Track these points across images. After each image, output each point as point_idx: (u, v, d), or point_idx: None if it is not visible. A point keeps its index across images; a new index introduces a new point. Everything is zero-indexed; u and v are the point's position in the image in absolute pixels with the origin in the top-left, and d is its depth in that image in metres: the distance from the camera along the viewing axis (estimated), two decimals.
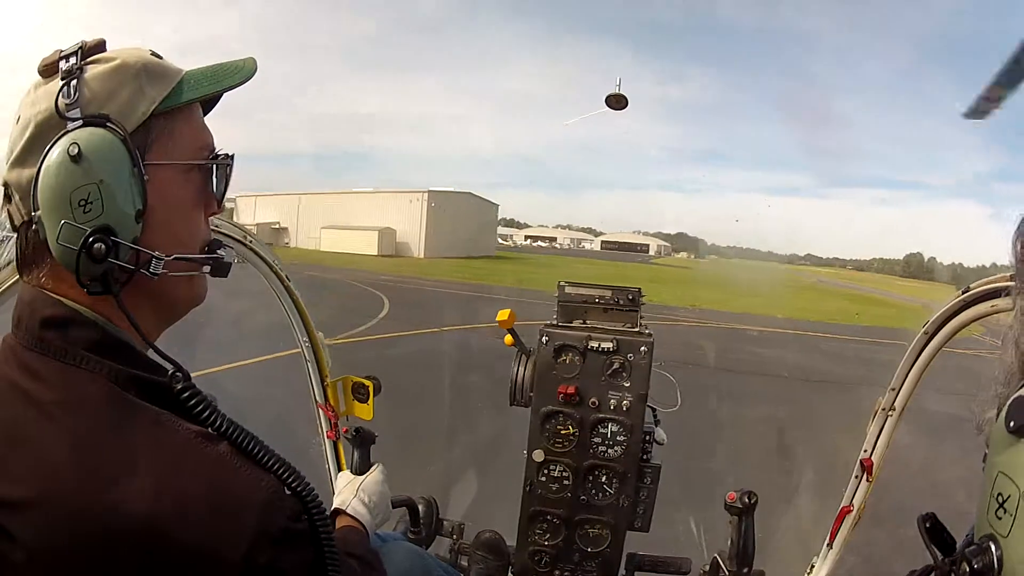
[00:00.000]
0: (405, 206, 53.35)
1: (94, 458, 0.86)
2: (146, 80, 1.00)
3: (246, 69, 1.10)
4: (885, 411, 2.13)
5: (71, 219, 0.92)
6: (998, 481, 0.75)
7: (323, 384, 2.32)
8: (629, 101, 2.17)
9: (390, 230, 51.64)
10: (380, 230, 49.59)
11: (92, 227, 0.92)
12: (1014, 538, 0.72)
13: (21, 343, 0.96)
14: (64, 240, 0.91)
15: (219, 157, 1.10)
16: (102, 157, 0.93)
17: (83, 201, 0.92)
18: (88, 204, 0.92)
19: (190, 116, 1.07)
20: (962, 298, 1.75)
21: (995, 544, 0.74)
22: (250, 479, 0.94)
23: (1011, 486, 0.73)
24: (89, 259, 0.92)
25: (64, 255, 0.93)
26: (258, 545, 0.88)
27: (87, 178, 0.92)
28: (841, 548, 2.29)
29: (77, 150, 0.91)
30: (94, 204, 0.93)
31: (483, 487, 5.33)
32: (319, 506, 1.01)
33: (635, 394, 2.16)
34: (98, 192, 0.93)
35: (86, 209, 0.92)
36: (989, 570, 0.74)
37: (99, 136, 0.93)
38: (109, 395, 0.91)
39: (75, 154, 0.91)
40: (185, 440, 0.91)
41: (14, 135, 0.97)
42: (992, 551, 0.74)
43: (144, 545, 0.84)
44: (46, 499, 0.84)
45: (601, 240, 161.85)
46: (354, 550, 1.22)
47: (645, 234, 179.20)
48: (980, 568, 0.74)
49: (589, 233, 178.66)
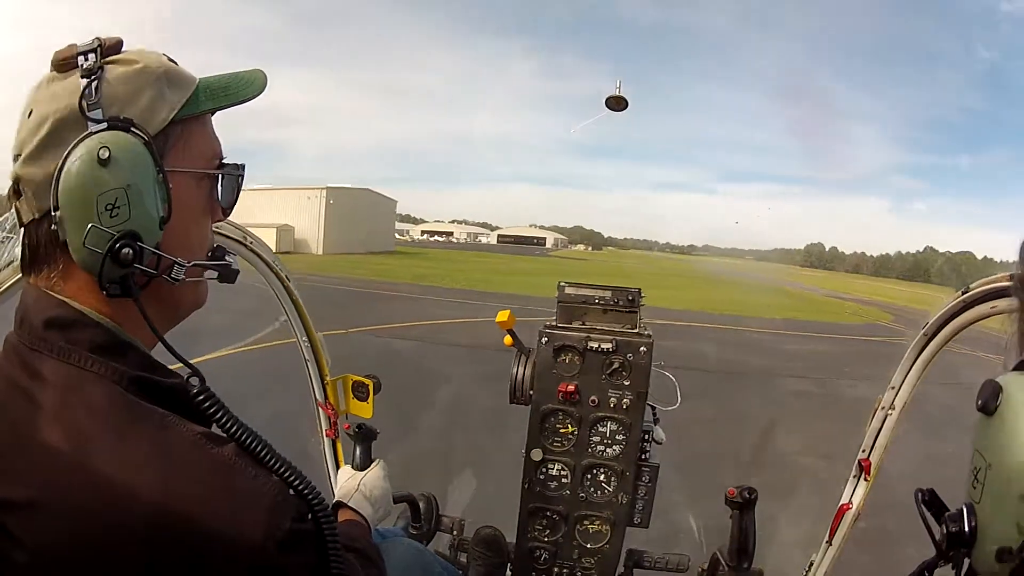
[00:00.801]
0: (303, 203, 52.67)
1: (98, 460, 0.85)
2: (167, 86, 1.00)
3: (259, 83, 1.11)
4: (884, 410, 2.13)
5: (97, 222, 0.91)
6: (974, 456, 0.84)
7: (323, 383, 2.33)
8: (628, 102, 2.18)
9: (288, 227, 50.60)
10: (278, 227, 47.98)
11: (119, 231, 0.92)
12: (983, 506, 0.82)
13: (24, 343, 0.95)
14: (91, 243, 0.92)
15: (231, 167, 1.12)
16: (130, 162, 0.93)
17: (110, 205, 0.92)
18: (115, 209, 0.92)
19: (204, 124, 1.08)
20: (962, 299, 1.74)
21: (969, 510, 0.84)
22: (256, 481, 0.94)
23: (980, 459, 0.82)
24: (115, 263, 0.93)
25: (88, 258, 0.93)
26: (265, 546, 0.89)
27: (115, 182, 0.92)
28: (841, 545, 2.30)
29: (108, 154, 0.91)
30: (121, 209, 0.93)
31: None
32: (324, 507, 1.02)
33: (634, 393, 2.16)
34: (125, 197, 0.93)
35: (113, 213, 0.92)
36: (962, 532, 0.83)
37: (125, 140, 0.93)
38: (113, 397, 0.90)
39: (105, 158, 0.91)
40: (191, 442, 0.91)
41: (26, 129, 0.95)
42: (965, 516, 0.84)
43: (149, 547, 0.84)
44: (49, 500, 0.84)
45: (498, 234, 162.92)
46: (355, 544, 1.24)
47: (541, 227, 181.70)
48: (956, 531, 0.84)
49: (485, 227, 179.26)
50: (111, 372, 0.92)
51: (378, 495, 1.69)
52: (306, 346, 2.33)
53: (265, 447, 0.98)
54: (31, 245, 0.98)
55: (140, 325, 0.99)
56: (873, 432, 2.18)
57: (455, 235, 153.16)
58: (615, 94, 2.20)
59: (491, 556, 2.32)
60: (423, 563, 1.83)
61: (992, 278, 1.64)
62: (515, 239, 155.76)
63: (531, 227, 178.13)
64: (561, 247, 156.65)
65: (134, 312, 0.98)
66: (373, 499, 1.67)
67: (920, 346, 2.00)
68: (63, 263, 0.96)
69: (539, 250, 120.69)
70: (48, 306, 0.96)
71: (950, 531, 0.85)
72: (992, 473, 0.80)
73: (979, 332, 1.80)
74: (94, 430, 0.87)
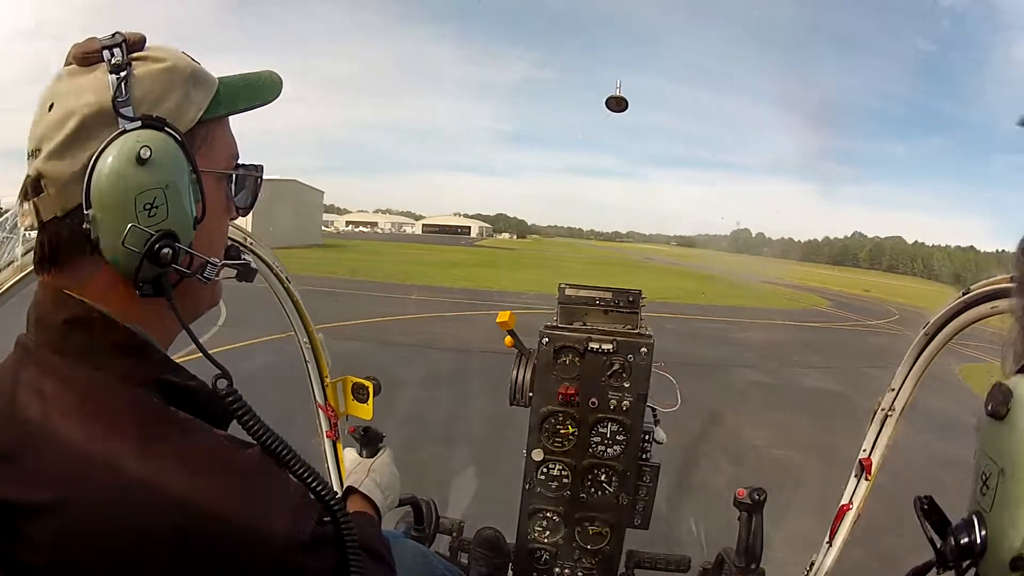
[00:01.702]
0: None
1: (123, 462, 0.83)
2: (193, 86, 0.99)
3: (277, 85, 1.11)
4: (884, 411, 2.15)
5: (136, 222, 0.90)
6: (981, 462, 0.82)
7: (323, 385, 2.33)
8: (628, 103, 2.18)
9: None
10: None
11: (157, 231, 0.92)
12: (995, 513, 0.79)
13: (41, 344, 0.93)
14: (130, 243, 0.90)
15: (253, 167, 1.12)
16: (167, 161, 0.92)
17: (148, 205, 0.91)
18: (154, 208, 0.91)
19: (224, 125, 1.07)
20: (962, 300, 1.75)
21: (979, 519, 0.80)
22: (279, 484, 0.95)
23: (991, 465, 0.80)
24: (152, 263, 0.92)
25: (124, 257, 0.91)
26: (288, 548, 0.89)
27: (154, 182, 0.91)
28: (841, 546, 2.31)
29: (149, 153, 0.90)
30: (159, 209, 0.92)
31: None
32: (344, 511, 1.03)
33: (635, 394, 2.17)
34: (163, 197, 0.92)
35: (151, 213, 0.91)
36: (974, 544, 0.80)
37: (162, 139, 0.92)
38: (137, 399, 0.90)
39: (146, 157, 0.89)
40: (216, 445, 0.92)
41: (47, 123, 0.92)
42: (976, 526, 0.80)
43: (173, 549, 0.83)
44: (67, 503, 0.82)
45: (422, 224, 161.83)
46: (369, 543, 1.22)
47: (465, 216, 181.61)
48: (967, 543, 0.80)
49: (410, 217, 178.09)
50: (134, 374, 0.91)
51: (388, 480, 1.67)
52: (306, 347, 2.33)
53: (288, 450, 0.99)
54: (51, 243, 0.94)
55: (158, 327, 0.99)
56: (873, 433, 2.19)
57: (380, 225, 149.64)
58: (615, 95, 2.20)
59: (492, 557, 2.32)
60: (427, 565, 1.83)
61: (992, 279, 1.64)
62: (440, 228, 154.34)
63: (455, 216, 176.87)
64: (486, 236, 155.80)
65: (152, 313, 0.98)
66: (384, 485, 1.65)
67: (920, 347, 2.00)
68: (87, 262, 0.94)
69: (465, 239, 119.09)
70: (68, 306, 0.93)
71: (959, 543, 0.81)
72: (1006, 479, 0.78)
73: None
74: (118, 432, 0.86)
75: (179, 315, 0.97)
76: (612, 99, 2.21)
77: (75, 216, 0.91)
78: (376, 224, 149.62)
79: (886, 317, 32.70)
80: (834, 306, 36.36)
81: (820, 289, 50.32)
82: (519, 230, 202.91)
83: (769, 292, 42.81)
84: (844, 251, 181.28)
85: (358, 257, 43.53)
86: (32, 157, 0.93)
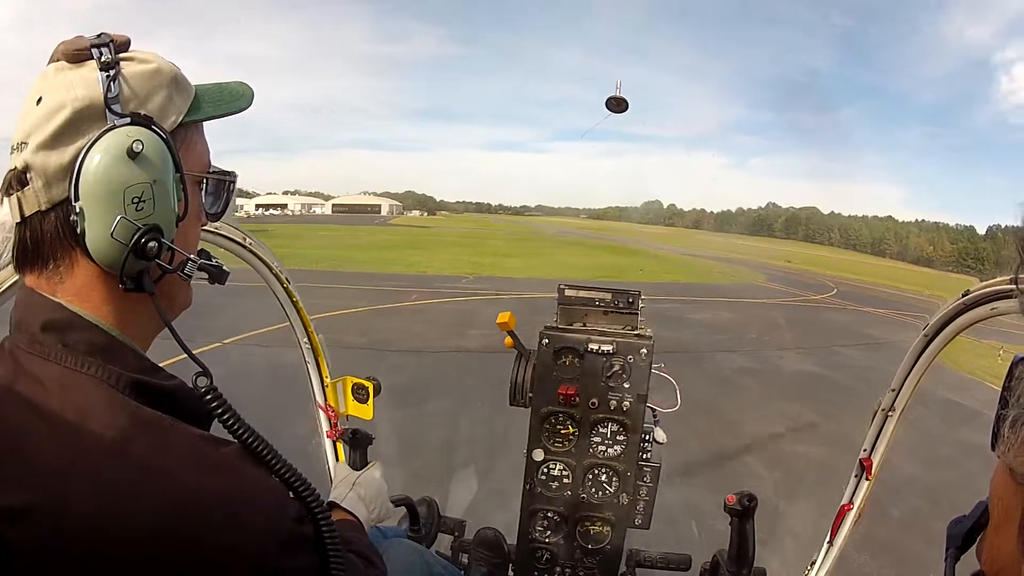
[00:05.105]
0: None
1: (97, 464, 0.83)
2: (175, 90, 1.00)
3: (249, 96, 1.11)
4: (884, 411, 2.14)
5: (125, 215, 0.91)
6: None
7: (323, 385, 2.32)
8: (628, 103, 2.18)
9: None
10: None
11: (144, 225, 0.92)
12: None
13: (21, 347, 0.92)
14: (118, 236, 0.91)
15: (228, 173, 1.12)
16: (156, 158, 0.94)
17: (136, 199, 0.92)
18: (141, 202, 0.92)
19: (200, 130, 1.08)
20: (962, 301, 1.74)
21: None
22: (258, 483, 0.94)
23: None
24: (138, 257, 0.93)
25: (109, 250, 0.91)
26: (266, 549, 0.89)
27: (142, 176, 0.92)
28: (842, 545, 2.32)
29: (140, 147, 0.91)
30: (147, 203, 0.93)
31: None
32: (323, 509, 1.02)
33: (634, 395, 2.16)
34: (151, 191, 0.93)
35: (139, 207, 0.92)
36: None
37: (150, 136, 0.93)
38: (112, 400, 0.88)
39: (138, 151, 0.91)
40: (192, 445, 0.90)
41: (36, 116, 0.91)
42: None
43: (150, 550, 0.82)
44: (48, 506, 0.80)
45: (332, 204, 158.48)
46: (354, 546, 1.21)
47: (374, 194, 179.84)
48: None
49: (319, 197, 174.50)
50: (108, 375, 0.90)
51: (372, 495, 1.65)
52: (307, 348, 2.33)
53: (267, 448, 0.98)
54: (33, 238, 0.93)
55: (135, 327, 0.99)
56: (874, 433, 2.19)
57: (290, 207, 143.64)
58: (615, 95, 2.18)
59: (492, 557, 2.32)
60: (424, 564, 1.83)
61: (993, 280, 1.63)
62: (350, 208, 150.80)
63: (364, 194, 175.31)
64: (396, 214, 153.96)
65: (130, 313, 0.98)
66: (368, 499, 1.62)
67: (920, 348, 1.99)
68: (69, 258, 0.94)
69: (377, 219, 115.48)
70: (44, 308, 0.93)
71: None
72: None
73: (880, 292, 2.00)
74: (93, 435, 0.84)
75: (161, 311, 0.98)
76: (612, 99, 2.19)
77: (60, 210, 0.91)
78: (286, 206, 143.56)
79: (826, 292, 33.18)
80: (771, 280, 36.62)
81: (746, 261, 51.60)
82: (428, 207, 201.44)
83: (701, 266, 42.69)
84: (759, 222, 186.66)
85: (277, 243, 40.67)
86: (17, 151, 0.92)
